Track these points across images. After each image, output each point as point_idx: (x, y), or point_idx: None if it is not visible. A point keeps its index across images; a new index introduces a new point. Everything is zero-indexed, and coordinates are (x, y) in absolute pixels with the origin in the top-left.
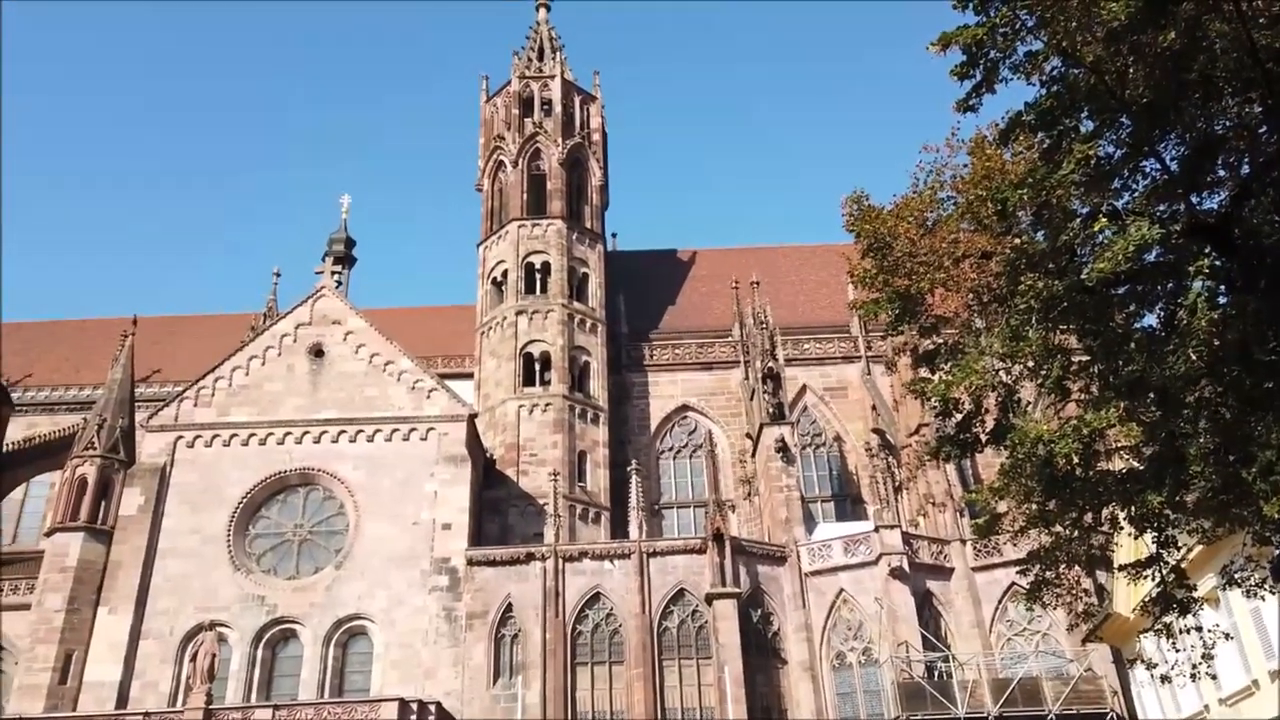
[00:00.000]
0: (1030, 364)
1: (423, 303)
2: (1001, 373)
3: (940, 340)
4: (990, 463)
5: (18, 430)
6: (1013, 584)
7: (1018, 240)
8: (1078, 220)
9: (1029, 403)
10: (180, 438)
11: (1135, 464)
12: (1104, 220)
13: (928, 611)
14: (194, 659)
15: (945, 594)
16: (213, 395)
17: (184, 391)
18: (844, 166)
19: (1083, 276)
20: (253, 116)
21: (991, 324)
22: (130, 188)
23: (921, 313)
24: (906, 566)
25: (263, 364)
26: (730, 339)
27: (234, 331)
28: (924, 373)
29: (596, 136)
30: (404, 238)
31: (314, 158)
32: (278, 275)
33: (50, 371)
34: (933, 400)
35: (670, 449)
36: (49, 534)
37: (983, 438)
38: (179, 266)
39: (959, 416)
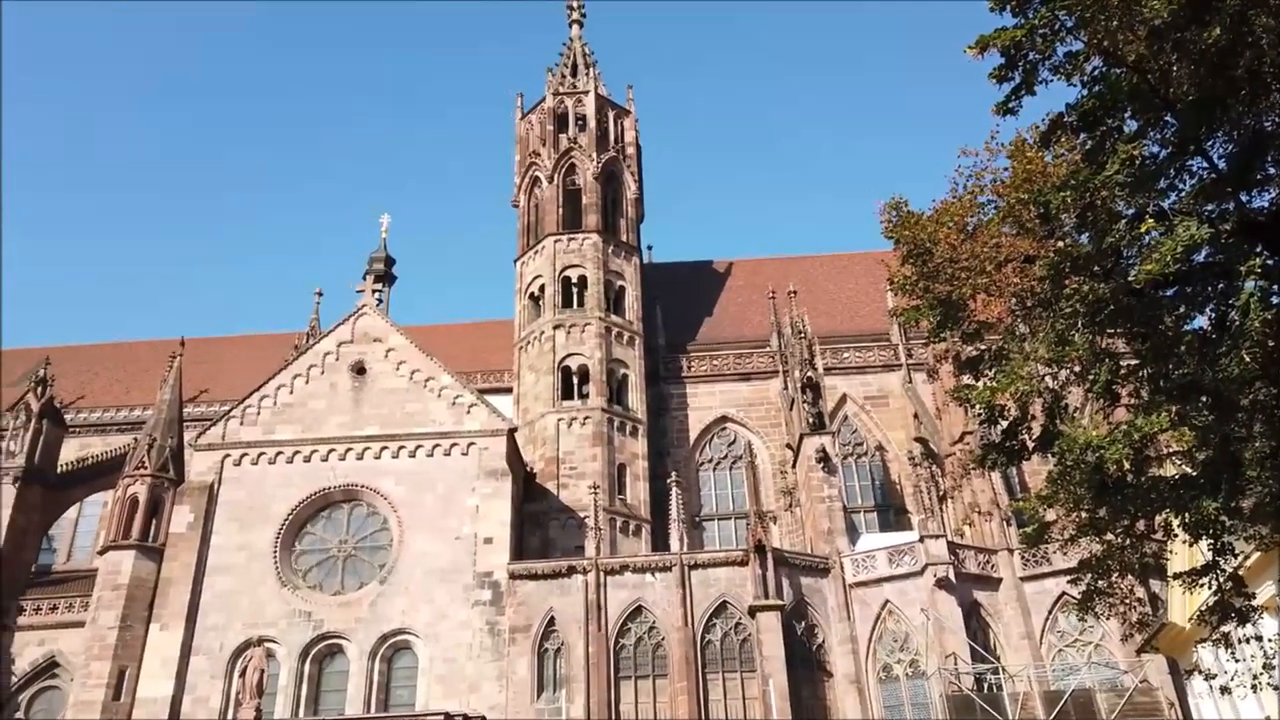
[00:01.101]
0: (1077, 369)
1: (461, 318)
2: (1048, 378)
3: (983, 346)
4: (1037, 470)
5: (71, 451)
6: (1063, 594)
7: (1062, 243)
8: (1123, 222)
9: (1077, 408)
10: (227, 456)
11: (1188, 469)
12: (1151, 221)
13: (975, 622)
14: (243, 674)
15: (993, 604)
16: (258, 414)
17: (230, 411)
18: (879, 174)
19: (1130, 279)
20: (291, 135)
21: (1036, 329)
22: (174, 211)
23: (964, 319)
24: (953, 577)
25: (306, 382)
26: (768, 349)
27: (278, 350)
28: (967, 380)
29: (631, 150)
30: (442, 255)
31: (353, 177)
32: (319, 295)
33: (102, 393)
34: (977, 407)
35: (710, 460)
36: (102, 552)
37: (1030, 445)
38: (223, 288)
39: (1004, 423)
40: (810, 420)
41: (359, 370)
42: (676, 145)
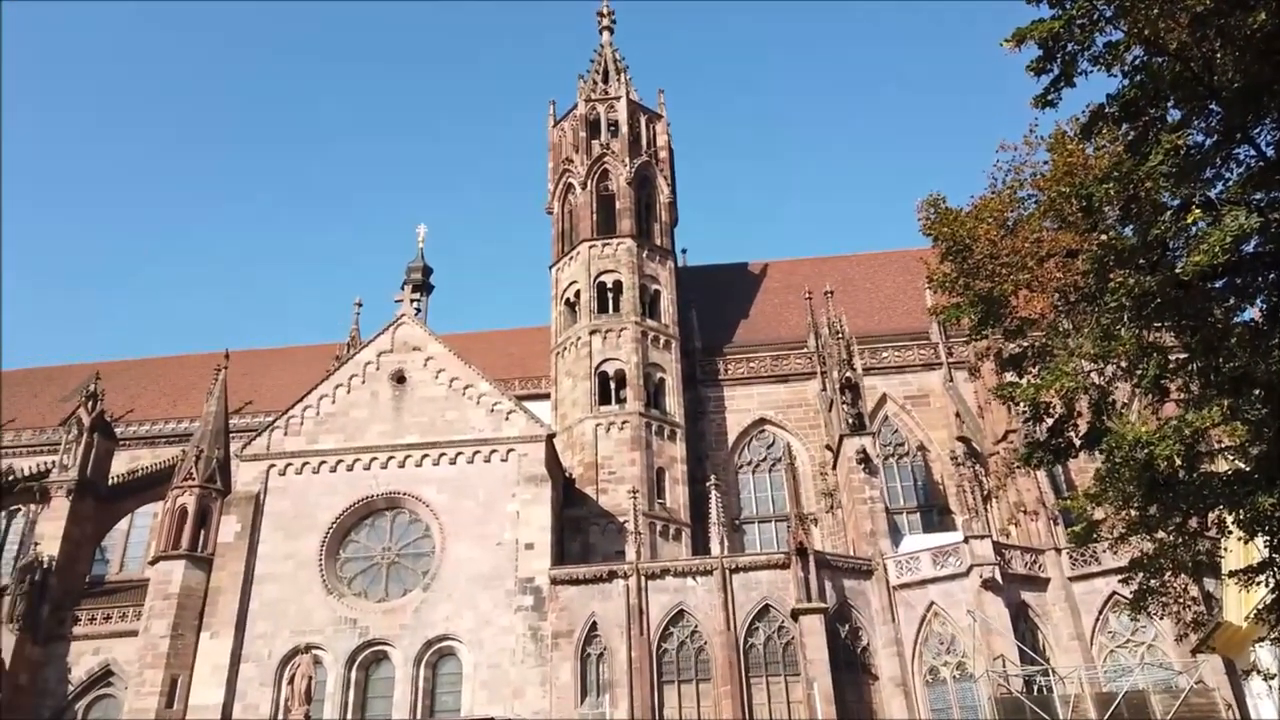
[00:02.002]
0: (1124, 364)
1: (498, 326)
2: (1093, 374)
3: (1026, 343)
4: (1084, 468)
5: (121, 464)
6: (1114, 593)
7: (1105, 236)
8: (1169, 213)
9: (1124, 404)
10: (272, 466)
11: (1242, 464)
12: (1197, 211)
13: (1024, 624)
14: (291, 681)
15: (1041, 605)
16: (301, 424)
17: (274, 421)
18: (914, 172)
19: (1177, 271)
20: (329, 149)
21: (1080, 324)
22: (216, 225)
23: (1005, 315)
24: (999, 577)
25: (348, 392)
26: (805, 350)
27: (320, 361)
28: (1010, 377)
29: (663, 154)
30: (479, 263)
31: (390, 189)
32: (359, 305)
33: (150, 406)
34: (1021, 405)
35: (749, 463)
36: (153, 562)
37: (1077, 442)
38: (266, 301)
39: (1050, 421)
40: (850, 421)
41: (399, 379)
42: (710, 148)
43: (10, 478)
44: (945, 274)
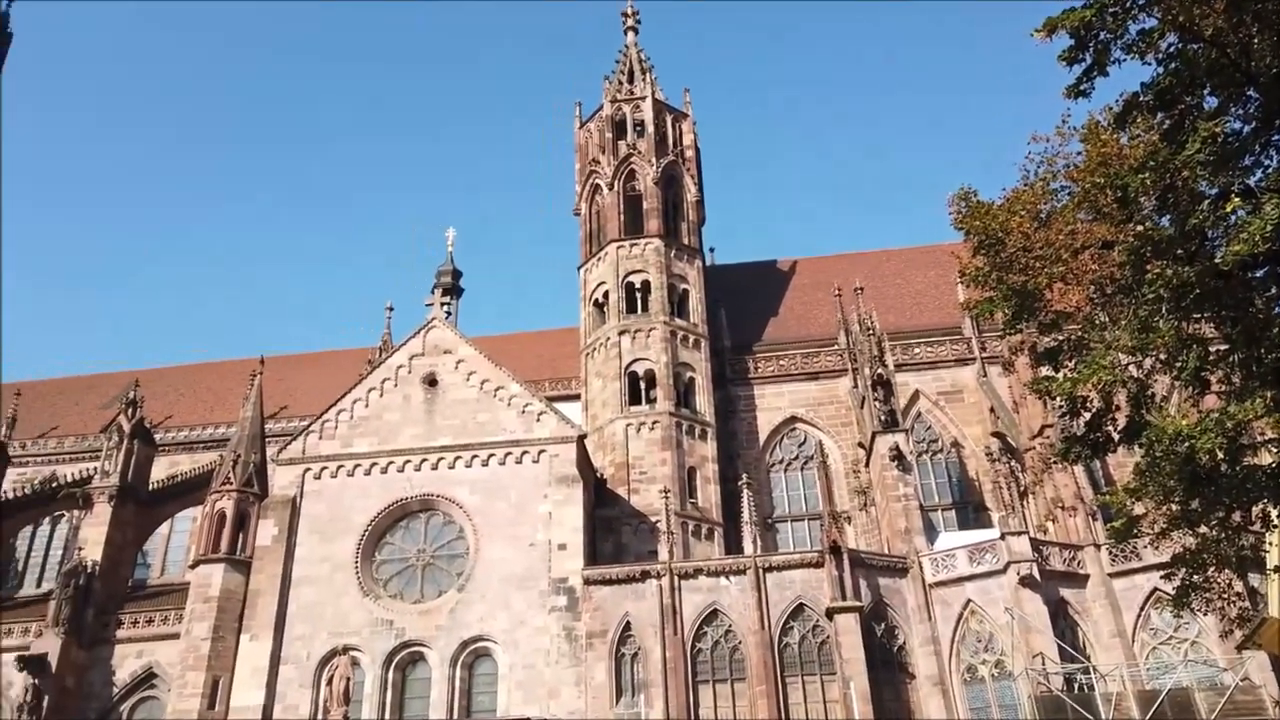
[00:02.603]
0: (1163, 356)
1: (528, 327)
2: (1131, 367)
3: (1062, 336)
4: (1122, 463)
5: (161, 469)
6: (1155, 590)
7: (1141, 227)
8: (1207, 202)
9: (1164, 397)
10: (308, 470)
11: None
12: (1236, 200)
13: (1063, 621)
14: (330, 683)
15: (1081, 602)
16: (336, 428)
17: (309, 425)
18: (944, 166)
19: (1216, 260)
20: (358, 153)
21: (1117, 316)
22: (248, 233)
23: (1040, 309)
24: (1037, 574)
25: (381, 395)
26: (836, 347)
27: (353, 365)
28: (1046, 371)
29: (690, 153)
30: (507, 266)
31: (419, 193)
32: (390, 310)
33: (188, 412)
34: (1058, 400)
35: (780, 461)
36: (193, 566)
37: (1115, 436)
38: (299, 306)
39: (1087, 415)
40: (882, 418)
41: (431, 382)
42: (736, 146)
43: (54, 484)
44: (978, 268)
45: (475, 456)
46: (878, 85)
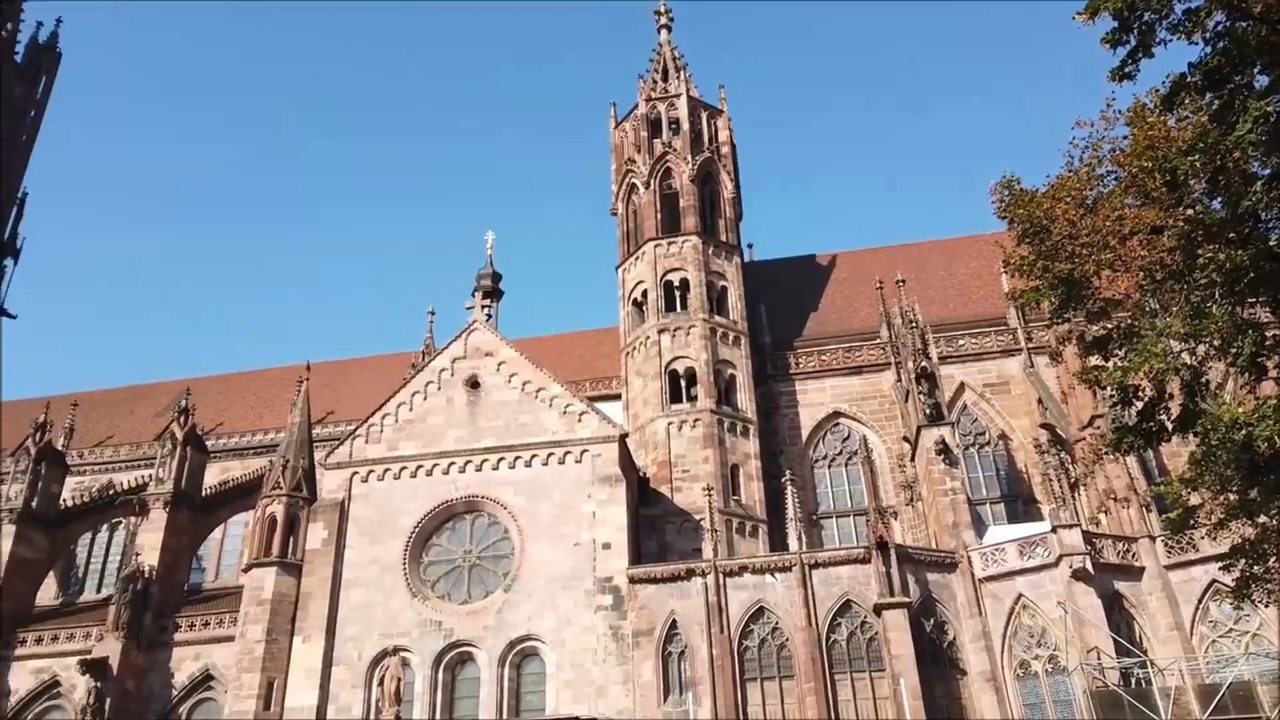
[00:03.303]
0: (1217, 342)
1: (568, 328)
2: (1184, 354)
3: (1111, 325)
4: (1177, 452)
5: (213, 475)
6: (1214, 581)
7: (1192, 211)
8: (1259, 183)
9: (1218, 384)
10: (355, 473)
11: None
12: None
13: (1118, 615)
14: (381, 683)
15: (1136, 595)
16: (381, 431)
17: (356, 430)
18: (986, 155)
19: (1271, 244)
20: (396, 162)
21: (1169, 303)
22: (290, 241)
23: (1088, 297)
24: (1090, 567)
25: (424, 399)
26: (878, 341)
27: (396, 370)
28: (1095, 360)
29: (725, 149)
30: (546, 267)
31: (457, 197)
32: (432, 314)
33: (238, 419)
34: (1108, 389)
35: (824, 457)
36: (246, 569)
37: (1169, 425)
38: (342, 313)
39: (1139, 404)
40: (927, 411)
41: (473, 384)
42: (773, 140)
43: (111, 492)
44: (1023, 257)
45: (518, 457)
46: (914, 75)
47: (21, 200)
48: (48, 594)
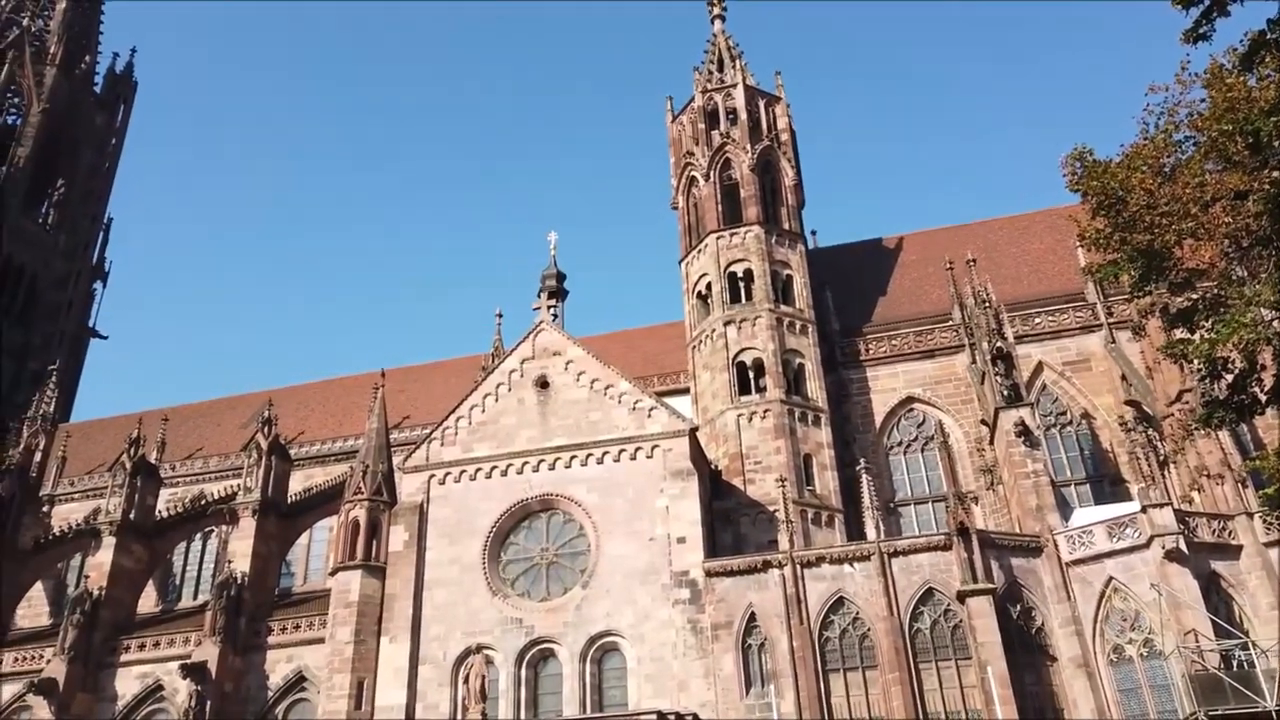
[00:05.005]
0: None
1: (633, 324)
2: (1275, 322)
3: (1196, 295)
4: (1272, 425)
5: (297, 483)
6: None
7: (1277, 173)
8: None
9: None
10: (433, 476)
11: None
12: None
13: (1215, 595)
14: (466, 681)
15: (1234, 575)
16: (456, 434)
17: (431, 433)
18: (1050, 128)
19: None
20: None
21: (1256, 270)
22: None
23: (1170, 268)
24: (1184, 547)
25: (496, 400)
26: (950, 323)
27: (467, 373)
28: (1181, 333)
29: (785, 137)
30: (610, 265)
31: (520, 201)
32: (500, 316)
33: (319, 427)
34: (1196, 363)
35: (899, 444)
36: (333, 573)
37: (1262, 397)
38: (413, 319)
39: (1229, 377)
40: (1005, 393)
41: (542, 384)
42: (833, 125)
43: (202, 502)
44: (1098, 230)
45: (590, 455)
46: (977, 50)
47: (107, 226)
48: (148, 602)
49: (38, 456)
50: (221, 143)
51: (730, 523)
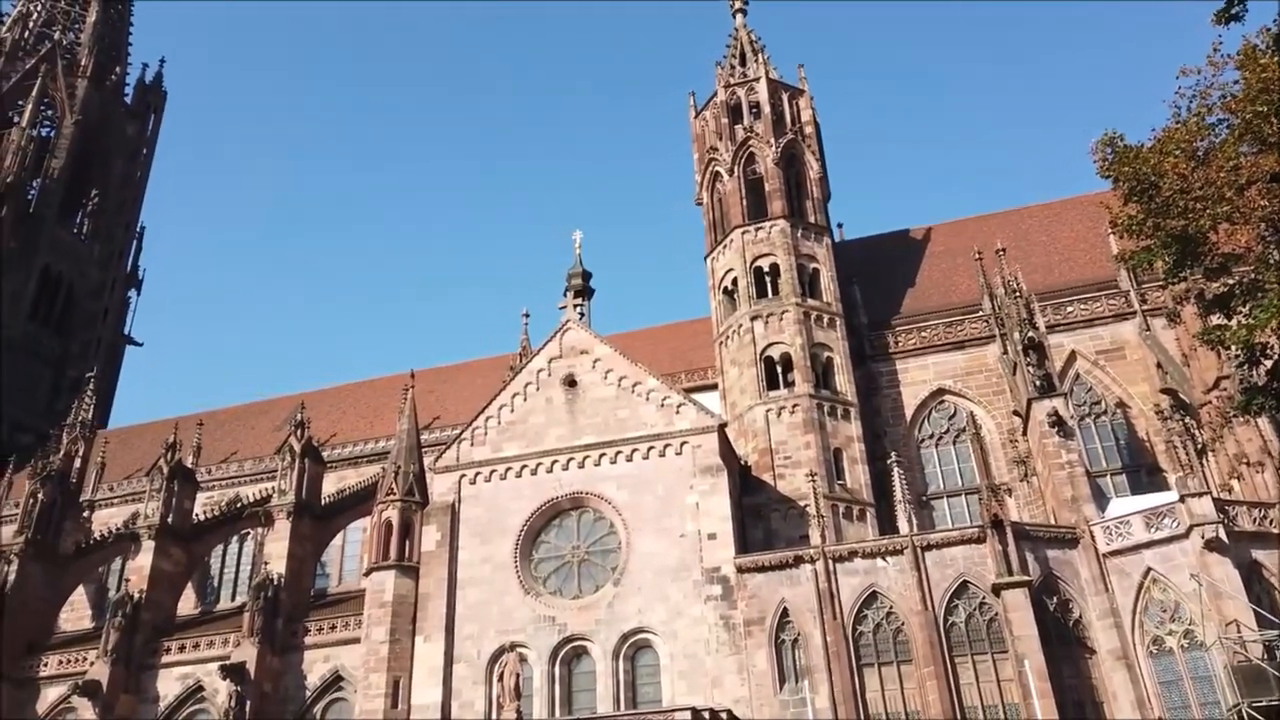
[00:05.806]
0: None
1: (659, 321)
2: None
3: (1232, 281)
4: None
5: (330, 484)
6: None
7: None
8: None
9: None
10: (463, 476)
11: None
12: None
13: (1258, 585)
14: (500, 679)
15: (1276, 564)
16: (485, 434)
17: (461, 433)
18: (1081, 114)
19: None
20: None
21: None
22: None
23: (1205, 253)
24: (1224, 536)
25: (524, 400)
26: (980, 313)
27: (495, 373)
28: (1217, 319)
29: (809, 130)
30: (635, 262)
31: (544, 200)
32: (527, 316)
33: (351, 429)
34: (1233, 349)
35: (930, 436)
36: (367, 573)
37: None
38: (440, 321)
39: (1268, 363)
40: (1037, 383)
41: (570, 383)
42: (858, 117)
43: (238, 505)
44: (1131, 216)
45: (619, 452)
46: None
47: (140, 234)
48: (187, 604)
49: (77, 463)
50: (221, 143)
51: (761, 518)
